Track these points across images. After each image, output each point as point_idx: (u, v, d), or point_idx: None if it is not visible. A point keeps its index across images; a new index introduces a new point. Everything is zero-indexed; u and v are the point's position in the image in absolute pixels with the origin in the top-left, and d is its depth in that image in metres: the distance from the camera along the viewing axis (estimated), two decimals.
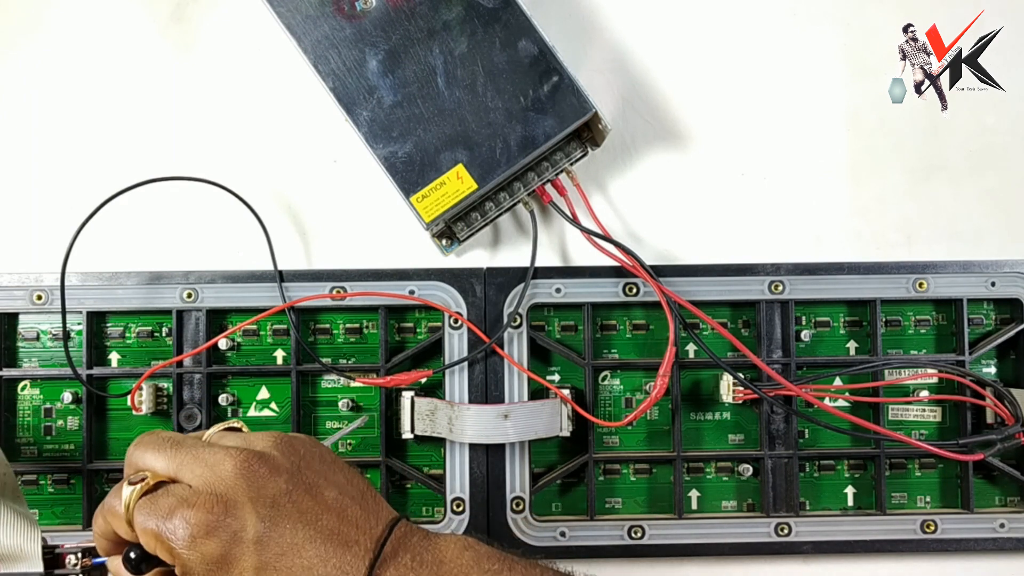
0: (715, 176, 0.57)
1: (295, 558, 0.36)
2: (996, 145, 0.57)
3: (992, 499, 0.55)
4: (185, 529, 0.35)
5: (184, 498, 0.36)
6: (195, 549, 0.35)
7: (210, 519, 0.36)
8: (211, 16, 0.56)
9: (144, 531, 0.36)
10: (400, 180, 0.50)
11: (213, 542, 0.35)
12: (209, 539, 0.35)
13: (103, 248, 0.54)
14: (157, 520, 0.36)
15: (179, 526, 0.36)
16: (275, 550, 0.36)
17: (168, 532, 0.36)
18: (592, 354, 0.54)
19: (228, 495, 0.36)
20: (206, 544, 0.35)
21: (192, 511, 0.36)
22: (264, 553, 0.36)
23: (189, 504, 0.36)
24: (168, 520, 0.36)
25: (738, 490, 0.55)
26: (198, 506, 0.36)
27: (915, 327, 0.56)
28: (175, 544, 0.35)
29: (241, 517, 0.36)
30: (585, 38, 0.57)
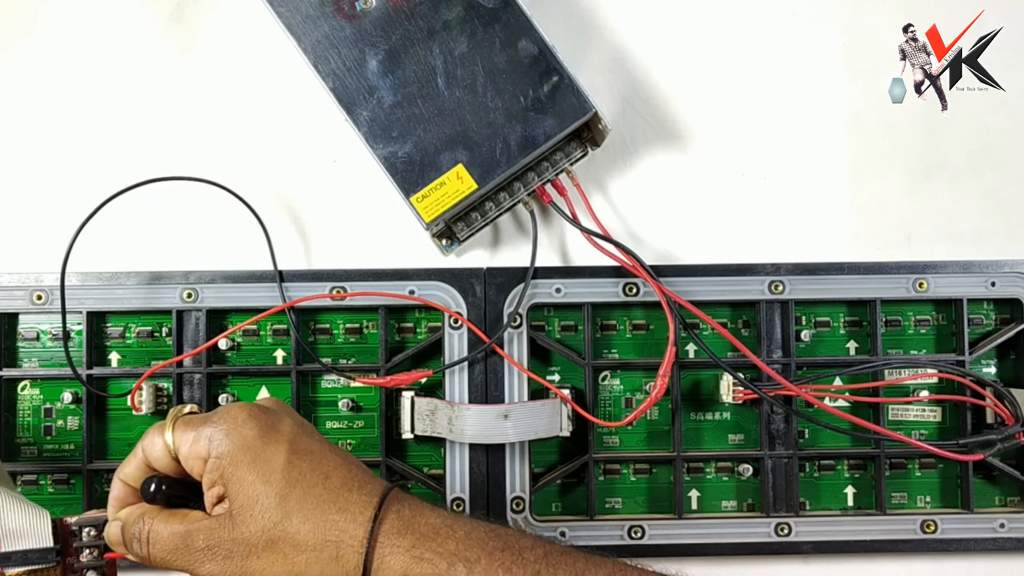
0: (715, 176, 0.57)
1: (323, 458, 0.39)
2: (996, 145, 0.57)
3: (992, 499, 0.55)
4: (227, 418, 0.39)
5: (225, 405, 0.41)
6: (235, 432, 0.38)
7: (251, 410, 0.39)
8: (211, 16, 0.56)
9: (186, 435, 0.39)
10: (400, 180, 0.50)
11: (252, 424, 0.39)
12: (249, 423, 0.39)
13: (103, 248, 0.54)
14: (200, 422, 0.39)
15: (222, 417, 0.39)
16: (305, 446, 0.39)
17: (210, 427, 0.39)
18: (592, 354, 0.54)
19: (266, 406, 0.41)
20: (246, 426, 0.38)
21: (235, 407, 0.40)
22: (296, 445, 0.39)
23: (231, 405, 0.40)
24: (211, 418, 0.39)
25: (738, 490, 0.55)
26: (240, 405, 0.40)
27: (915, 327, 0.56)
28: (216, 433, 0.38)
29: (279, 417, 0.40)
30: (585, 38, 0.57)
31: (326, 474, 0.38)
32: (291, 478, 0.38)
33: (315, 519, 0.37)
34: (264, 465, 0.38)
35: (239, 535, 0.37)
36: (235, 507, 0.37)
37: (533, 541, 0.39)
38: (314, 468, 0.38)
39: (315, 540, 0.37)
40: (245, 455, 0.38)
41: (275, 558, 0.37)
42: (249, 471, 0.38)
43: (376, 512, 0.38)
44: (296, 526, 0.37)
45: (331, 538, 0.37)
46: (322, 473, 0.38)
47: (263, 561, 0.37)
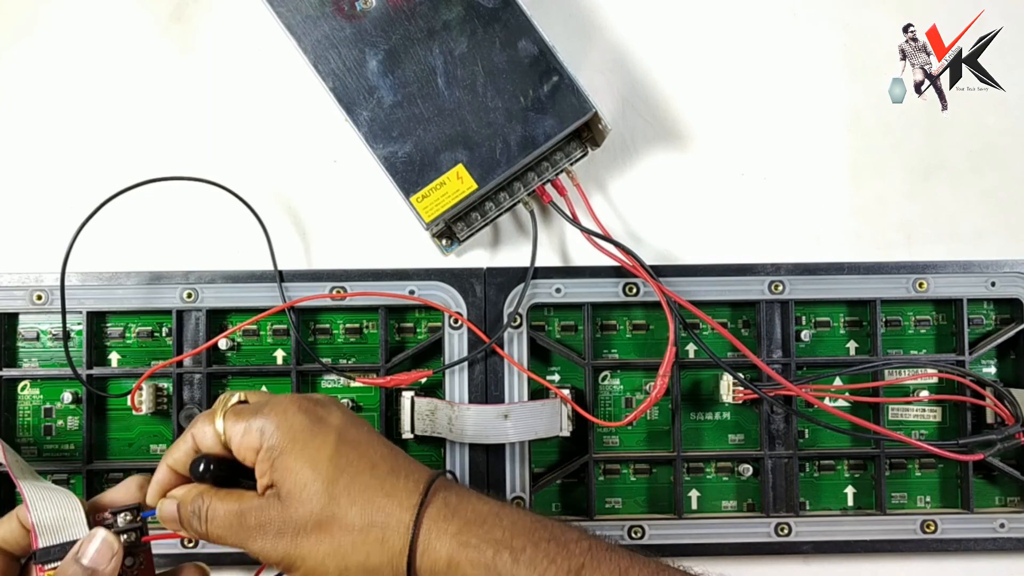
0: (715, 176, 0.57)
1: (370, 448, 0.40)
2: (996, 145, 0.57)
3: (992, 499, 0.55)
4: (278, 409, 0.40)
5: (275, 396, 0.42)
6: (285, 423, 0.39)
7: (301, 402, 0.41)
8: (211, 16, 0.56)
9: (237, 425, 0.40)
10: (400, 180, 0.50)
11: (302, 417, 0.40)
12: (299, 415, 0.40)
13: (103, 248, 0.54)
14: (251, 412, 0.40)
15: (272, 409, 0.40)
16: (354, 436, 0.40)
17: (260, 417, 0.40)
18: (592, 354, 0.54)
19: (316, 397, 0.43)
20: (296, 418, 0.40)
21: (285, 398, 0.41)
22: (344, 435, 0.40)
23: (281, 397, 0.42)
24: (261, 409, 0.40)
25: (738, 490, 0.55)
26: (290, 396, 0.42)
27: (915, 327, 0.56)
28: (267, 424, 0.39)
29: (329, 408, 0.41)
30: (585, 38, 0.57)
31: (373, 462, 0.40)
32: (339, 465, 0.39)
33: (362, 503, 0.38)
34: (313, 452, 0.39)
35: (289, 516, 0.38)
36: (284, 491, 0.39)
37: (578, 535, 0.39)
38: (361, 456, 0.40)
39: (362, 523, 0.38)
40: (295, 444, 0.39)
41: (323, 538, 0.38)
42: (298, 459, 0.39)
43: (422, 498, 0.38)
44: (344, 509, 0.38)
45: (377, 521, 0.38)
46: (369, 461, 0.40)
47: (311, 540, 0.38)
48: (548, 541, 0.38)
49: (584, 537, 0.39)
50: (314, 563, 0.38)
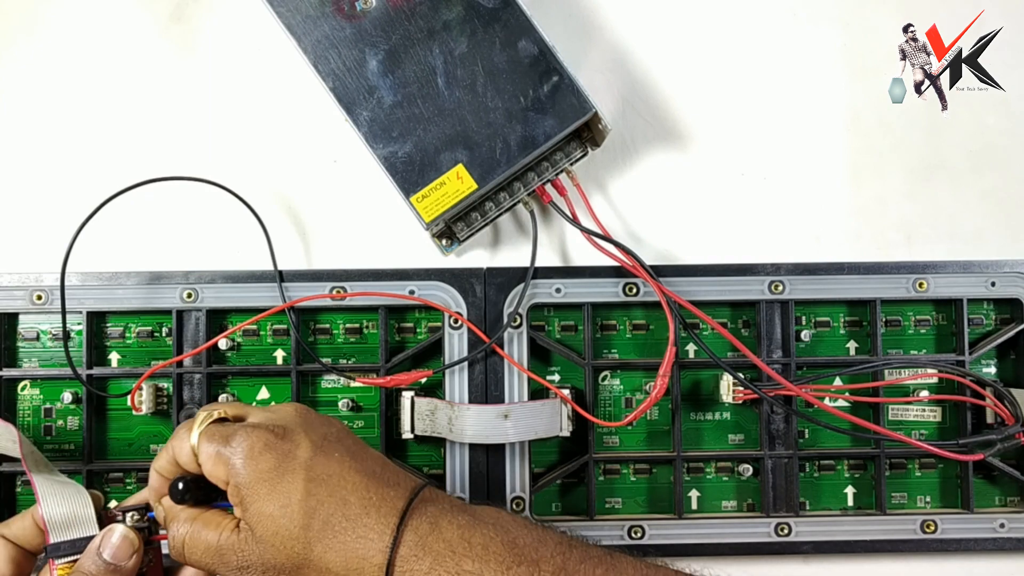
0: (715, 176, 0.57)
1: (341, 481, 0.39)
2: (996, 145, 0.57)
3: (992, 499, 0.55)
4: (244, 446, 0.39)
5: (246, 426, 0.41)
6: (251, 462, 0.39)
7: (268, 438, 0.40)
8: (211, 16, 0.56)
9: (207, 449, 0.40)
10: (400, 180, 0.50)
11: (268, 456, 0.39)
12: (265, 454, 0.39)
13: (103, 248, 0.54)
14: (220, 440, 0.40)
15: (240, 444, 0.40)
16: (323, 471, 0.40)
17: (228, 450, 0.40)
18: (592, 354, 0.54)
19: (286, 425, 0.41)
20: (262, 458, 0.39)
21: (253, 432, 0.40)
22: (313, 472, 0.39)
23: (251, 428, 0.40)
24: (230, 439, 0.40)
25: (738, 490, 0.55)
26: (258, 430, 0.40)
27: (915, 327, 0.56)
28: (234, 459, 0.39)
29: (296, 441, 0.40)
30: (585, 38, 0.57)
31: (344, 499, 0.39)
32: (309, 508, 0.39)
33: (337, 547, 0.38)
34: (282, 498, 0.39)
35: (267, 560, 0.39)
36: (258, 535, 0.39)
37: (552, 549, 0.39)
38: (332, 494, 0.39)
39: (339, 566, 0.38)
40: (262, 487, 0.39)
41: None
42: (267, 503, 0.39)
43: (393, 537, 0.38)
44: (319, 554, 0.38)
45: (353, 565, 0.38)
46: (340, 499, 0.39)
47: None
48: (519, 564, 0.38)
49: (559, 551, 0.39)
50: None
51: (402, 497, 0.40)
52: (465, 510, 0.41)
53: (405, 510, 0.39)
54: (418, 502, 0.40)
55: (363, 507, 0.39)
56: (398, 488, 0.40)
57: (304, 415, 0.43)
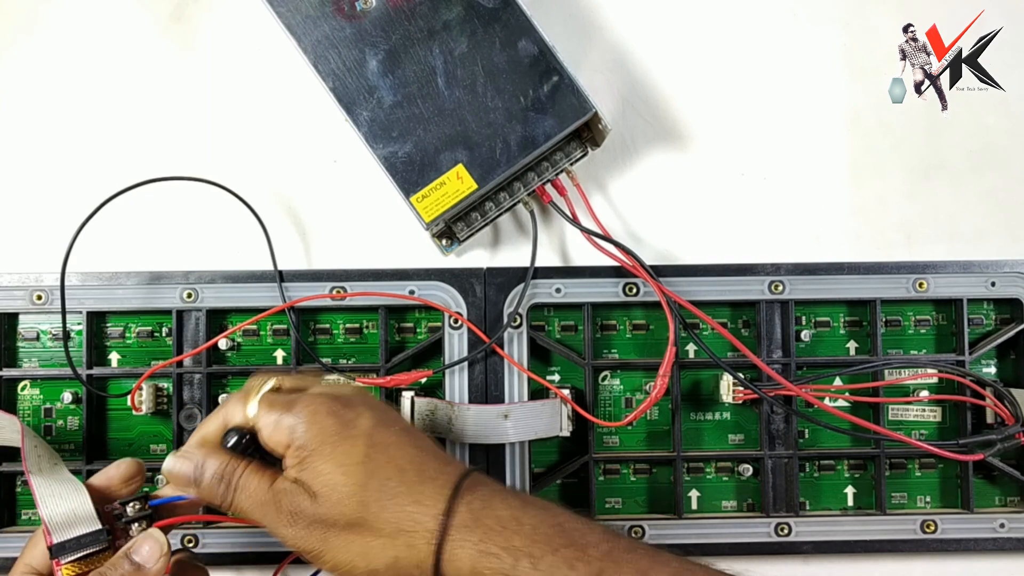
0: (715, 176, 0.57)
1: (399, 451, 0.40)
2: (996, 145, 0.57)
3: (992, 499, 0.55)
4: (308, 411, 0.40)
5: (309, 393, 0.42)
6: (315, 426, 0.40)
7: (332, 405, 0.41)
8: (211, 16, 0.56)
9: (269, 417, 0.41)
10: (400, 180, 0.50)
11: (332, 421, 0.40)
12: (329, 418, 0.40)
13: (103, 248, 0.54)
14: (283, 408, 0.41)
15: (303, 409, 0.40)
16: (383, 440, 0.40)
17: (291, 416, 0.40)
18: (592, 354, 0.54)
19: (347, 397, 0.42)
20: (326, 421, 0.40)
21: (317, 399, 0.41)
22: (373, 439, 0.40)
23: (314, 395, 0.42)
24: (293, 407, 0.41)
25: (738, 490, 0.55)
26: (322, 397, 0.41)
27: (915, 327, 0.56)
28: (297, 424, 0.40)
29: (358, 412, 0.41)
30: (585, 38, 0.57)
31: (401, 467, 0.40)
32: (368, 470, 0.39)
33: (391, 510, 0.39)
34: (343, 457, 0.39)
35: (320, 513, 0.39)
36: (314, 490, 0.39)
37: (599, 536, 0.39)
38: (390, 461, 0.40)
39: (391, 529, 0.39)
40: (324, 447, 0.40)
41: (353, 539, 0.39)
42: (328, 462, 0.39)
43: (448, 505, 0.39)
44: (374, 515, 0.39)
45: (405, 528, 0.38)
46: (398, 466, 0.40)
47: (341, 539, 0.39)
48: (567, 547, 0.38)
49: (605, 538, 0.39)
50: (343, 559, 0.39)
51: (456, 473, 0.41)
52: (516, 493, 0.42)
53: (459, 484, 0.40)
54: (470, 481, 0.40)
55: (419, 476, 0.40)
56: (452, 465, 0.41)
57: (364, 393, 0.44)
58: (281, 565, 0.48)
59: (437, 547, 0.38)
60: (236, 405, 0.42)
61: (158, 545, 0.39)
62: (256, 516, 0.40)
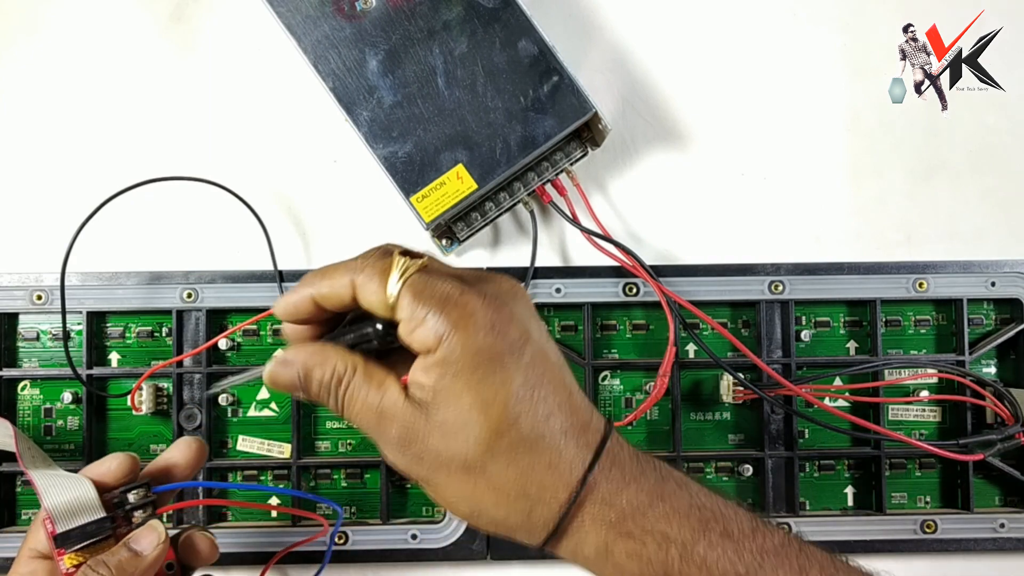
0: (715, 176, 0.57)
1: (551, 393, 0.34)
2: (996, 145, 0.57)
3: (992, 499, 0.55)
4: (468, 315, 0.33)
5: (467, 289, 0.33)
6: (473, 338, 0.33)
7: (495, 318, 0.33)
8: (211, 16, 0.56)
9: (415, 304, 0.33)
10: (400, 180, 0.50)
11: (494, 339, 0.33)
12: (491, 334, 0.33)
13: (103, 248, 0.54)
14: (436, 300, 0.33)
15: (462, 311, 0.33)
16: (538, 377, 0.34)
17: (447, 314, 0.33)
18: (592, 354, 0.54)
19: (511, 307, 0.34)
20: (487, 338, 0.33)
21: (480, 302, 0.33)
22: (529, 375, 0.33)
23: (477, 294, 0.33)
24: (448, 303, 0.33)
25: (738, 490, 0.55)
26: (487, 302, 0.33)
27: (915, 327, 0.56)
28: (450, 330, 0.32)
29: (522, 331, 0.34)
30: (585, 38, 0.57)
31: (548, 416, 0.34)
32: (512, 415, 0.33)
33: (521, 468, 0.33)
34: (488, 391, 0.33)
35: (435, 447, 0.33)
36: (440, 418, 0.33)
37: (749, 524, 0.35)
38: (538, 406, 0.33)
39: (514, 489, 0.33)
40: (474, 374, 0.33)
41: (464, 484, 0.34)
42: (469, 392, 0.33)
43: (585, 474, 0.33)
44: (499, 469, 0.33)
45: (531, 493, 0.33)
46: (544, 415, 0.34)
47: (451, 480, 0.34)
48: (721, 536, 0.34)
49: (755, 526, 0.35)
50: (447, 497, 0.34)
51: (599, 431, 0.35)
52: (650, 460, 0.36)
53: (600, 449, 0.34)
54: (611, 444, 0.35)
55: (563, 430, 0.34)
56: (594, 418, 0.35)
57: (525, 300, 0.36)
58: (268, 564, 0.48)
59: (560, 519, 0.34)
60: (373, 279, 0.34)
61: (156, 535, 0.39)
62: (364, 430, 0.35)
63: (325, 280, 0.35)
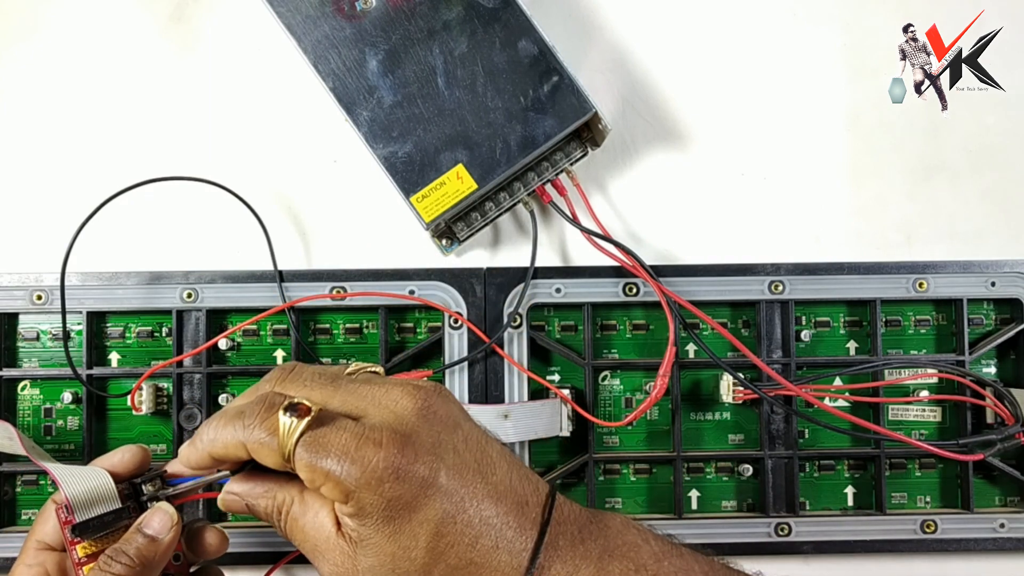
0: (715, 176, 0.57)
1: (477, 512, 0.33)
2: (996, 145, 0.57)
3: (992, 499, 0.55)
4: (369, 471, 0.32)
5: (363, 435, 0.33)
6: (378, 492, 0.32)
7: (400, 461, 0.32)
8: (211, 16, 0.56)
9: (312, 468, 0.33)
10: (400, 180, 0.50)
11: (401, 487, 0.32)
12: (397, 483, 0.32)
13: (103, 248, 0.54)
14: (332, 460, 0.32)
15: (362, 466, 0.32)
16: (458, 501, 0.33)
17: (347, 474, 0.32)
18: (592, 354, 0.54)
19: (413, 437, 0.33)
20: (394, 488, 0.32)
21: (379, 451, 0.32)
22: (449, 503, 0.33)
23: (374, 442, 0.33)
24: (345, 460, 0.32)
25: (738, 490, 0.55)
26: (385, 445, 0.33)
27: (915, 327, 0.56)
28: (354, 485, 0.32)
29: (429, 463, 0.33)
30: (585, 38, 0.57)
31: (475, 540, 0.33)
32: (437, 552, 0.33)
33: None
34: (407, 540, 0.33)
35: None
36: (368, 564, 0.34)
37: None
38: (463, 534, 0.33)
39: None
40: (388, 524, 0.33)
41: None
42: (390, 542, 0.33)
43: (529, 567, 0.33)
44: None
45: None
46: (471, 540, 0.33)
47: None
48: None
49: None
50: None
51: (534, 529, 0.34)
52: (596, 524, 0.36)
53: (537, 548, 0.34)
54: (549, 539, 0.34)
55: (494, 545, 0.34)
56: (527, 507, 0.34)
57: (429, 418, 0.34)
58: (277, 565, 0.48)
59: None
60: (261, 443, 0.34)
61: (168, 517, 0.38)
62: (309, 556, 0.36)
63: (218, 443, 0.35)
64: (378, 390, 0.35)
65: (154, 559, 0.38)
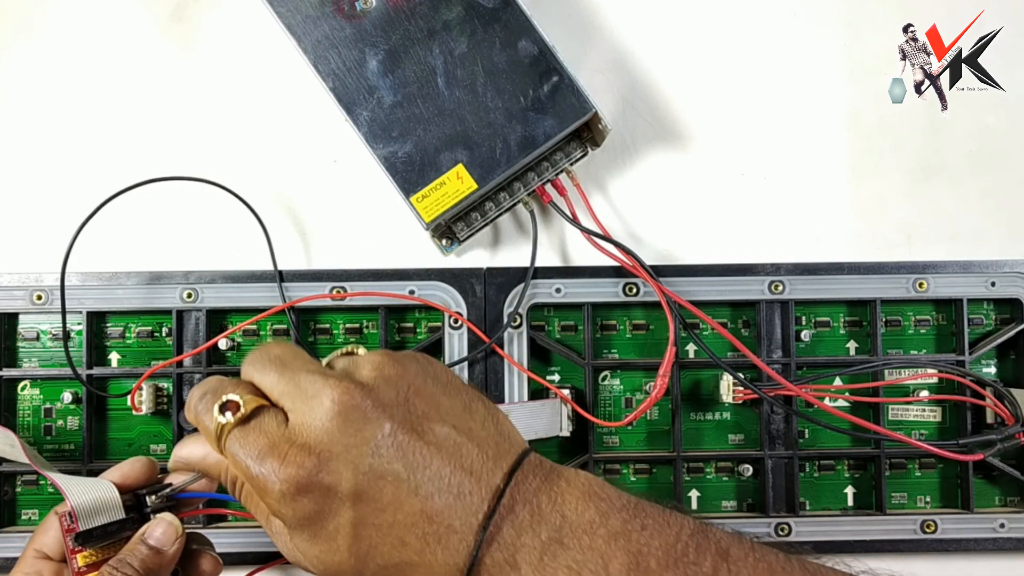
0: (715, 176, 0.57)
1: (396, 513, 0.33)
2: (996, 145, 0.57)
3: (992, 499, 0.55)
4: (275, 484, 0.33)
5: (275, 444, 0.33)
6: (286, 505, 0.33)
7: (300, 475, 0.33)
8: (211, 16, 0.56)
9: (236, 465, 0.35)
10: (400, 180, 0.50)
11: (305, 500, 0.33)
12: (301, 497, 0.33)
13: (103, 248, 0.54)
14: (249, 460, 0.34)
15: (269, 478, 0.33)
16: (374, 505, 0.33)
17: (260, 479, 0.33)
18: (592, 354, 0.54)
19: (321, 445, 0.33)
20: (298, 502, 0.33)
21: (282, 466, 0.33)
22: (361, 508, 0.33)
23: (279, 455, 0.33)
24: (259, 464, 0.33)
25: (738, 490, 0.55)
26: (288, 460, 0.33)
27: (915, 327, 0.56)
28: (266, 496, 0.34)
29: (335, 471, 0.33)
30: (585, 38, 0.57)
31: (401, 540, 0.33)
32: (360, 553, 0.33)
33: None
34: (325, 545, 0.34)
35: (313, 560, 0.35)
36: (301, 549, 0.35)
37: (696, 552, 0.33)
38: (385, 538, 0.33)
39: None
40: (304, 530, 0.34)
41: None
42: (313, 545, 0.34)
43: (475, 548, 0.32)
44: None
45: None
46: (396, 539, 0.33)
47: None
48: None
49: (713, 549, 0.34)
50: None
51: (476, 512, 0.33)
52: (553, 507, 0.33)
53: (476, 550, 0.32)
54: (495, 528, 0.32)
55: (423, 544, 0.33)
56: (470, 498, 0.33)
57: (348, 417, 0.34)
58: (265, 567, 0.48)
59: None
60: (205, 431, 0.36)
61: (172, 528, 0.38)
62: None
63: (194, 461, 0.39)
64: (312, 385, 0.35)
65: (158, 571, 0.38)
